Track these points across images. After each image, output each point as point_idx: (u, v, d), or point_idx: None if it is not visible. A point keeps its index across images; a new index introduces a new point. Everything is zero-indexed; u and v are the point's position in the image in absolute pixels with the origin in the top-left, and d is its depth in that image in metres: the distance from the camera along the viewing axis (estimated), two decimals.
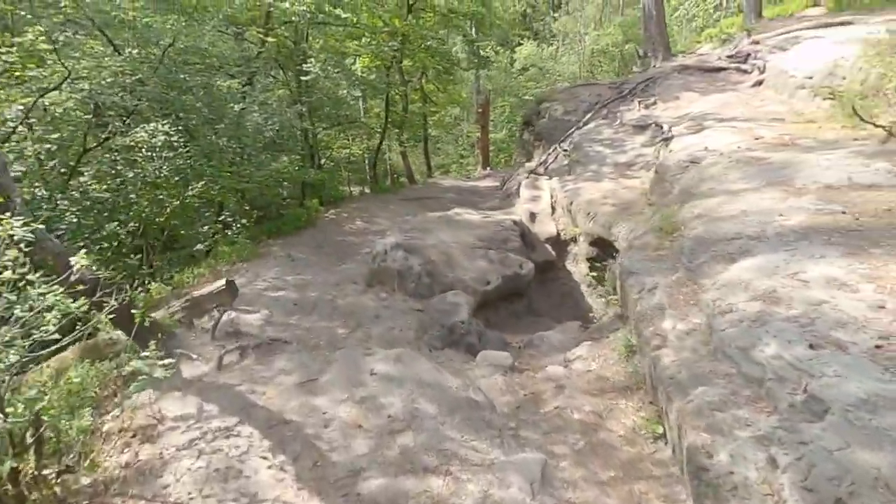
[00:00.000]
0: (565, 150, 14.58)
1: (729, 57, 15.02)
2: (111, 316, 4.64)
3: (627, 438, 4.52)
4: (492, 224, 9.78)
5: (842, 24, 13.33)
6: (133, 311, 5.49)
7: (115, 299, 4.30)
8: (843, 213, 5.65)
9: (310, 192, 17.00)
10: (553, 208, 11.26)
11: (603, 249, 9.69)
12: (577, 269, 10.54)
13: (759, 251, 5.39)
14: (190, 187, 14.20)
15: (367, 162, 26.05)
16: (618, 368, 5.54)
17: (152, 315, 6.79)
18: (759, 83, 13.11)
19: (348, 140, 22.14)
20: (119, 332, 6.17)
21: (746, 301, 4.71)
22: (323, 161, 19.46)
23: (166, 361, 4.17)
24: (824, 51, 11.62)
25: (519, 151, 20.13)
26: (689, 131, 10.75)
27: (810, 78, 11.32)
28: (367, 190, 25.12)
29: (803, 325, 4.13)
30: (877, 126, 7.61)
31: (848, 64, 10.38)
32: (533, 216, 11.10)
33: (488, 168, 25.62)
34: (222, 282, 7.89)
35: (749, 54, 14.29)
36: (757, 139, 8.76)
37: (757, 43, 14.57)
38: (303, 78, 14.54)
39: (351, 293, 8.75)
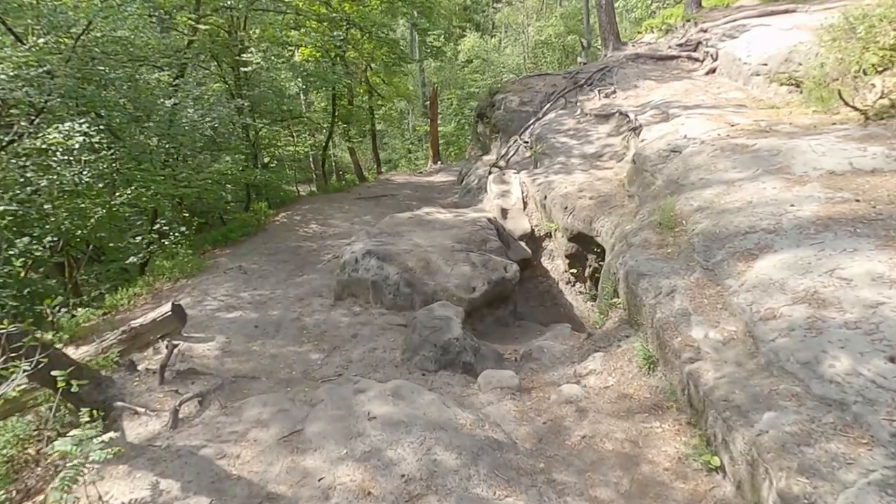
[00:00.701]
0: (526, 142, 14.00)
1: (679, 45, 14.91)
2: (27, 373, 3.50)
3: (676, 472, 3.89)
4: (467, 224, 8.99)
5: (785, 11, 13.45)
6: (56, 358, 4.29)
7: (28, 360, 3.16)
8: (857, 201, 5.28)
9: (256, 195, 15.57)
10: (525, 203, 10.62)
11: (583, 245, 9.15)
12: (554, 265, 9.97)
13: (781, 246, 4.91)
14: (117, 194, 12.54)
15: (311, 160, 24.60)
16: (639, 383, 4.93)
17: (83, 356, 5.52)
18: (713, 71, 13.01)
19: (293, 137, 20.64)
20: None
21: (789, 304, 4.18)
22: (267, 160, 17.97)
23: (105, 437, 3.09)
24: (774, 38, 11.58)
25: (473, 144, 19.43)
26: (656, 120, 10.39)
27: (765, 65, 11.23)
28: (314, 189, 23.75)
29: (869, 333, 3.62)
30: (856, 109, 7.43)
31: (804, 50, 10.31)
32: (504, 212, 10.41)
33: (439, 162, 24.79)
34: (166, 307, 6.64)
35: (699, 42, 14.22)
36: (733, 126, 8.44)
37: (705, 31, 14.54)
38: (243, 69, 13.06)
39: (319, 309, 7.71)
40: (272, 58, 13.06)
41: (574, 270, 9.37)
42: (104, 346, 6.60)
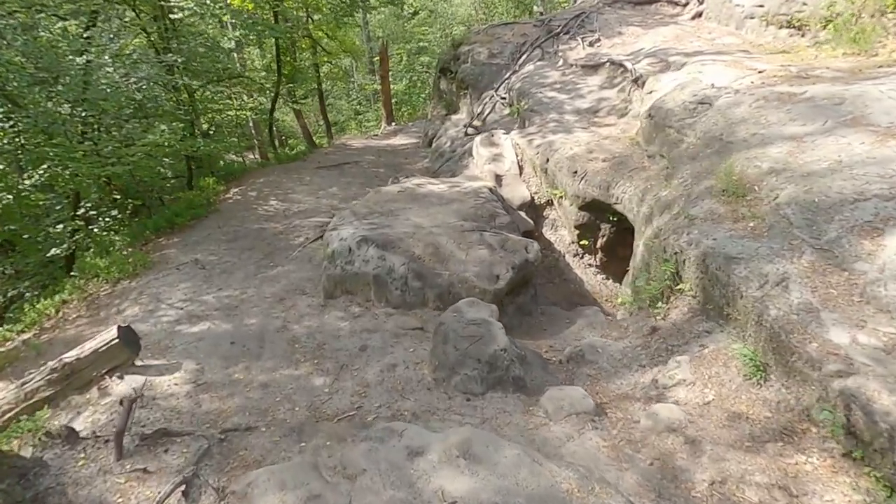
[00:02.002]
0: (503, 98, 12.50)
1: None
2: None
3: None
4: (468, 196, 7.56)
5: None
6: None
7: None
8: None
9: (197, 168, 13.28)
10: (520, 168, 9.27)
11: (597, 214, 7.98)
12: (558, 236, 8.79)
13: None
14: (26, 176, 10.08)
15: (252, 125, 21.88)
16: (750, 398, 3.88)
17: None
18: (699, 15, 11.88)
19: (231, 100, 17.99)
20: None
21: None
22: (206, 127, 15.47)
23: None
24: None
25: (435, 103, 17.63)
26: (656, 69, 9.20)
27: (761, 6, 10.19)
28: (259, 159, 21.20)
29: None
30: None
31: None
32: (498, 179, 9.02)
33: (393, 123, 22.80)
34: (111, 331, 4.90)
35: None
36: (760, 73, 7.37)
37: None
38: (172, 16, 10.60)
39: (307, 312, 6.15)
40: (208, 2, 10.62)
41: (585, 242, 8.23)
42: (28, 389, 4.83)
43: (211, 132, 15.67)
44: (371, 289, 6.06)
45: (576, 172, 7.96)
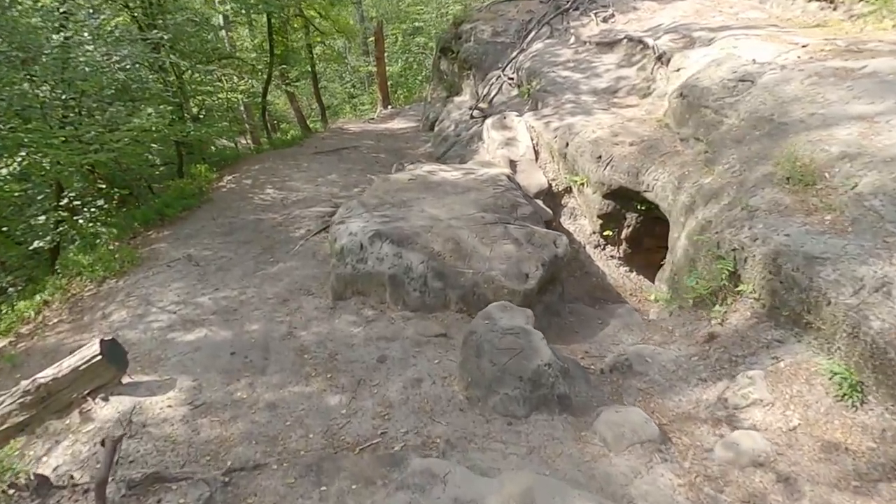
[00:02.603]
0: (511, 78, 11.70)
1: None
2: None
3: None
4: (486, 184, 6.84)
5: None
6: None
7: None
8: None
9: (190, 156, 12.40)
10: (536, 153, 8.54)
11: (623, 203, 7.30)
12: (577, 226, 8.12)
13: None
14: (1, 164, 9.18)
15: (244, 109, 20.82)
16: (846, 423, 3.28)
17: None
18: None
19: (222, 82, 16.97)
20: None
21: None
22: (196, 111, 14.50)
23: None
24: None
25: (435, 84, 16.75)
26: (680, 45, 8.46)
27: None
28: (252, 144, 20.23)
29: None
30: None
31: None
32: (513, 165, 8.30)
33: (389, 107, 21.87)
34: (94, 346, 4.19)
35: None
36: (803, 47, 6.67)
37: None
38: None
39: (315, 316, 5.46)
40: None
41: (608, 233, 7.57)
42: None
43: (201, 116, 14.70)
44: (386, 290, 5.37)
45: (600, 158, 7.26)
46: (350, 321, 5.28)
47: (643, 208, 7.10)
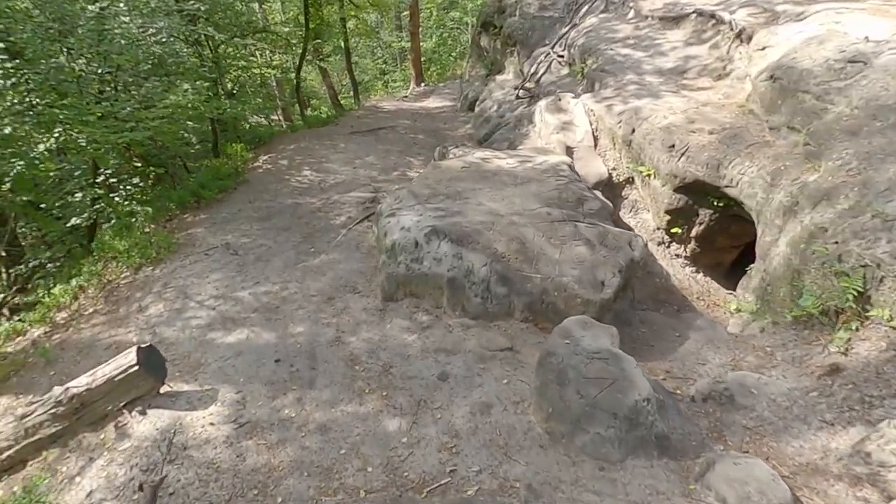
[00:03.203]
0: (561, 56, 10.80)
1: None
2: None
3: None
4: (547, 174, 6.13)
5: None
6: None
7: None
8: None
9: (224, 133, 11.91)
10: (595, 139, 7.75)
11: (697, 198, 6.51)
12: (639, 221, 7.36)
13: None
14: (45, 139, 8.79)
15: (276, 85, 20.19)
16: None
17: None
18: None
19: (256, 56, 16.37)
20: None
21: None
22: (230, 87, 13.96)
23: None
24: None
25: (473, 61, 15.85)
26: (760, 20, 7.47)
27: None
28: (280, 120, 19.70)
29: None
30: None
31: None
32: (569, 151, 7.54)
33: (422, 84, 21.00)
34: (130, 355, 3.72)
35: None
36: None
37: None
38: None
39: (364, 319, 4.90)
40: None
41: (677, 230, 6.80)
42: (29, 424, 3.72)
43: (235, 92, 14.16)
44: (444, 293, 4.77)
45: (672, 147, 6.45)
46: (403, 327, 4.71)
47: (720, 205, 6.30)
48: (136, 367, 3.66)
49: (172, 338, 4.81)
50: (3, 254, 10.72)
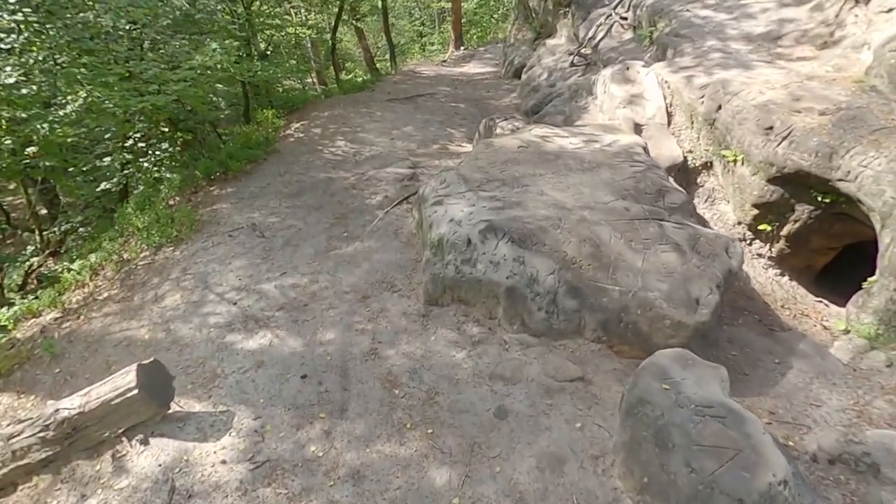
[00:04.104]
0: (624, 18, 9.44)
1: None
2: None
3: None
4: (620, 159, 5.10)
5: None
6: None
7: None
8: None
9: (256, 97, 11.08)
10: (669, 115, 6.59)
11: (795, 190, 5.38)
12: (715, 212, 6.27)
13: None
14: (59, 104, 8.11)
15: (311, 47, 19.11)
16: None
17: None
18: None
19: (290, 15, 15.33)
20: None
21: None
22: (264, 46, 13.04)
23: None
24: None
25: (519, 23, 14.40)
26: None
27: None
28: (314, 84, 18.72)
29: None
30: None
31: None
32: (638, 129, 6.43)
33: (462, 48, 19.56)
34: (129, 375, 3.03)
35: None
36: None
37: None
38: None
39: (402, 325, 4.11)
40: None
41: (765, 226, 5.71)
42: (16, 447, 3.11)
43: (268, 53, 13.22)
44: (499, 303, 3.92)
45: (770, 129, 5.29)
46: (450, 340, 3.91)
47: (826, 201, 5.17)
48: (135, 391, 2.97)
49: (187, 338, 4.14)
50: (45, 211, 10.42)
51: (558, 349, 3.73)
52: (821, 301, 5.76)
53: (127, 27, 7.62)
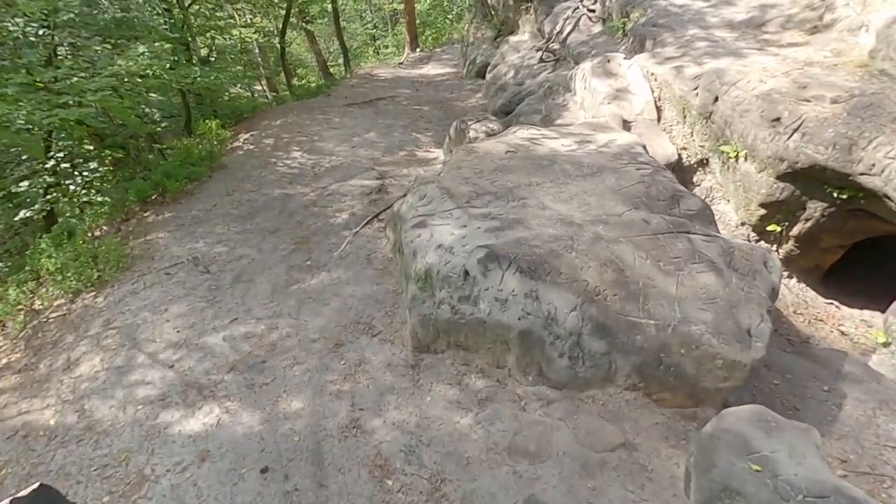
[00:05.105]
0: (591, 10, 8.84)
1: None
2: None
3: None
4: (623, 161, 4.37)
5: None
6: None
7: None
8: None
9: (199, 108, 9.82)
10: (658, 110, 5.96)
11: (807, 187, 4.82)
12: (714, 214, 5.68)
13: None
14: None
15: (259, 52, 17.73)
16: None
17: None
18: None
19: (234, 17, 14.02)
20: None
21: None
22: (206, 51, 11.73)
23: None
24: None
25: (477, 22, 13.67)
26: None
27: None
28: (265, 91, 17.44)
29: None
30: None
31: None
32: (626, 126, 5.76)
33: (417, 50, 18.67)
34: None
35: None
36: None
37: None
38: None
39: (389, 383, 3.21)
40: None
41: (774, 227, 5.14)
42: None
43: (211, 59, 11.90)
44: (510, 350, 3.08)
45: (778, 120, 4.70)
46: (450, 399, 3.04)
47: (844, 196, 4.62)
48: None
49: (107, 421, 3.09)
50: None
51: (587, 403, 2.93)
52: (831, 303, 5.25)
53: (40, 32, 6.36)
